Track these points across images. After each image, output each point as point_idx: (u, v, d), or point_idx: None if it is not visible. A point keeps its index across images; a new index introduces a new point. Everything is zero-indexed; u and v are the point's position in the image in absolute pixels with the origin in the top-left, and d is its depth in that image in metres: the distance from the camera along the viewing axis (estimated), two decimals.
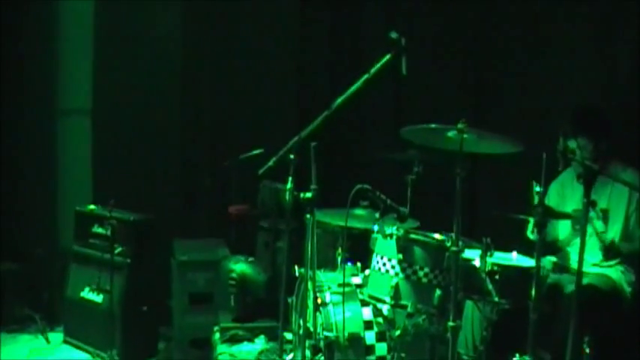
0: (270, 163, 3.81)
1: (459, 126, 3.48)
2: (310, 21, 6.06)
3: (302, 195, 3.49)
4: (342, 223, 3.98)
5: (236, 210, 5.50)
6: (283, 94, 6.08)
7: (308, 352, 3.68)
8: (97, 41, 6.41)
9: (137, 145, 6.25)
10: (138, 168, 6.21)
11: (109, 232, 5.35)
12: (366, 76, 3.83)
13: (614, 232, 4.10)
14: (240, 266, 4.79)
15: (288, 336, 4.20)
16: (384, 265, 3.71)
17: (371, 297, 3.76)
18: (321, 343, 3.74)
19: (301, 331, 3.97)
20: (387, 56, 3.83)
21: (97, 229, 5.55)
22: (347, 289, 3.83)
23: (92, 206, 5.70)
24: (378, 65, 3.85)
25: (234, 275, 4.73)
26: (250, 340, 4.61)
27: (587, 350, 3.62)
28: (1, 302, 6.00)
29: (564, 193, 4.31)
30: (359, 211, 4.09)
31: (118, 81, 6.31)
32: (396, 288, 3.63)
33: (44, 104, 6.51)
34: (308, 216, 3.49)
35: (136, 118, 6.25)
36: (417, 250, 3.65)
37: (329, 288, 3.86)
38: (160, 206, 5.89)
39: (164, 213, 5.81)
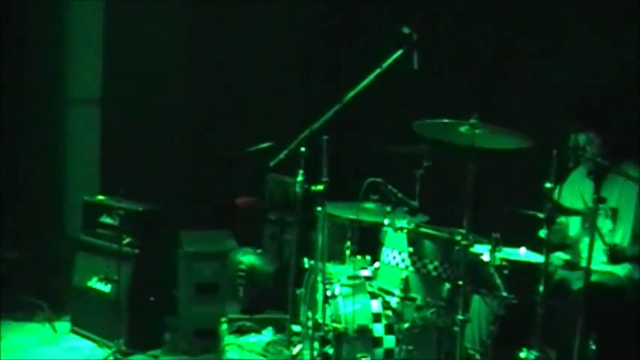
0: (282, 155, 3.84)
1: (472, 121, 3.49)
2: (321, 13, 6.06)
3: (313, 187, 3.51)
4: (351, 216, 4.00)
5: (243, 202, 5.51)
6: (291, 86, 6.10)
7: (316, 344, 3.70)
8: (106, 30, 6.43)
9: (145, 135, 6.26)
10: (146, 158, 6.22)
11: (117, 222, 5.39)
12: (378, 71, 3.88)
13: (622, 232, 4.09)
14: (248, 258, 4.80)
15: (296, 328, 4.22)
16: (394, 258, 3.73)
17: (380, 289, 3.78)
18: (330, 335, 3.75)
19: (309, 323, 3.99)
20: (399, 51, 3.87)
21: (105, 219, 5.57)
22: (356, 281, 3.85)
23: (101, 196, 5.72)
24: (390, 60, 3.89)
25: (242, 267, 4.75)
26: (258, 331, 4.63)
27: (593, 347, 3.63)
28: (8, 290, 6.04)
29: (576, 192, 4.30)
30: (369, 205, 4.10)
31: (128, 70, 6.33)
32: (406, 281, 3.65)
33: (53, 93, 6.53)
34: (319, 208, 3.51)
35: (145, 108, 6.27)
36: (427, 244, 3.67)
37: (338, 280, 3.87)
38: (167, 197, 5.89)
39: (171, 204, 5.82)
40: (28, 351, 5.37)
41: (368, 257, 4.05)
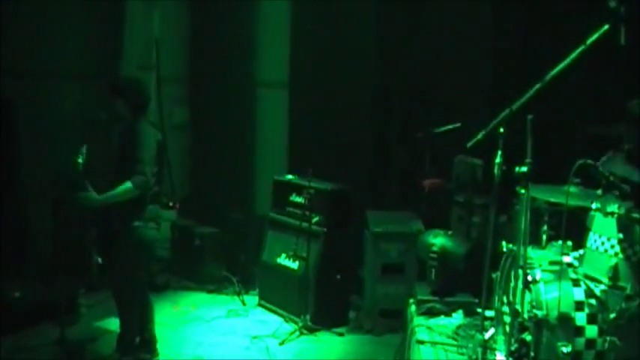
0: (479, 136, 3.75)
1: None
2: None
3: (517, 169, 3.41)
4: (551, 199, 3.85)
5: (430, 183, 5.46)
6: (479, 68, 5.94)
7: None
8: (294, 18, 6.60)
9: (331, 116, 6.37)
10: (332, 139, 6.33)
11: (306, 201, 5.51)
12: (582, 47, 3.68)
13: None
14: (440, 240, 4.75)
15: (487, 312, 4.13)
16: (603, 244, 3.55)
17: (586, 276, 3.61)
18: (528, 322, 3.63)
19: (504, 308, 3.90)
20: (605, 26, 3.65)
21: (295, 198, 5.72)
22: (558, 267, 3.70)
23: (290, 176, 5.88)
24: (595, 36, 3.68)
25: (435, 249, 4.70)
26: (447, 314, 4.58)
27: None
28: (201, 264, 6.37)
29: None
30: (571, 188, 3.91)
31: (314, 55, 6.47)
32: (615, 268, 3.47)
33: (244, 77, 6.79)
34: (522, 191, 3.41)
35: (331, 90, 6.37)
36: (639, 230, 3.46)
37: (539, 265, 3.74)
38: (353, 177, 5.97)
39: (356, 184, 5.89)
40: (219, 321, 5.65)
41: (569, 242, 3.88)
